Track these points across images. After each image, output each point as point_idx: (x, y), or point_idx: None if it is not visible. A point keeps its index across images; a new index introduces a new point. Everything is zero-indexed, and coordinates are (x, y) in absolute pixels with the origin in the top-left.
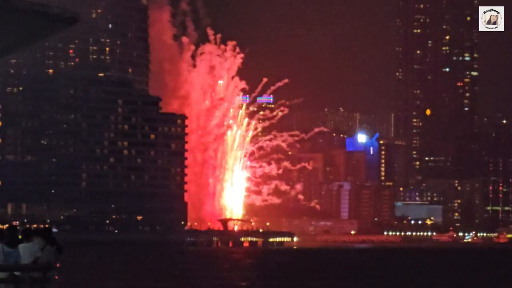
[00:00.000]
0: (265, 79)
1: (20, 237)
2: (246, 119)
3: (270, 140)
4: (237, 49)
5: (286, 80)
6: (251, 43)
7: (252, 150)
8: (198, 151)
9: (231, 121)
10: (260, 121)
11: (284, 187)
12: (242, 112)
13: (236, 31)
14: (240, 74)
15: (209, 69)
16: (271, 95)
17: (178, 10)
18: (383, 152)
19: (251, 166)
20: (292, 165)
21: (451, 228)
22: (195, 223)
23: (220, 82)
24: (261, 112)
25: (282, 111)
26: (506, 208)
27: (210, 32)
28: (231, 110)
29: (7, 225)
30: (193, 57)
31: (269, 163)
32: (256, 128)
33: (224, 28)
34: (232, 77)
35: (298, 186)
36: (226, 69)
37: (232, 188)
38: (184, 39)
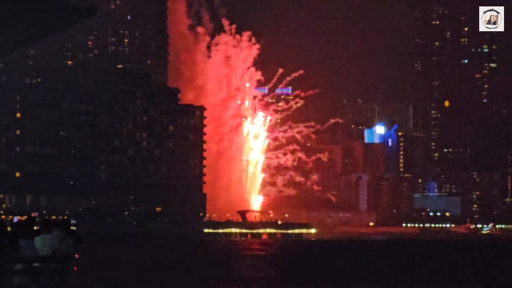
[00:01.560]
0: (280, 70)
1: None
2: (260, 112)
3: (285, 131)
4: (253, 40)
5: (301, 71)
6: (267, 33)
7: (268, 142)
8: (213, 142)
9: (247, 113)
10: (279, 112)
11: (299, 178)
12: (258, 103)
13: (252, 21)
14: (256, 65)
15: (224, 59)
16: (290, 87)
17: (194, 0)
18: (401, 144)
19: (267, 157)
20: (307, 156)
21: (468, 220)
22: (214, 215)
23: (238, 73)
24: (280, 104)
25: (297, 102)
26: None
27: (225, 22)
28: (247, 101)
29: (25, 217)
30: (209, 47)
31: (284, 154)
32: (271, 120)
33: (239, 18)
34: (248, 68)
35: (314, 177)
36: (241, 59)
37: (249, 179)
38: (200, 30)
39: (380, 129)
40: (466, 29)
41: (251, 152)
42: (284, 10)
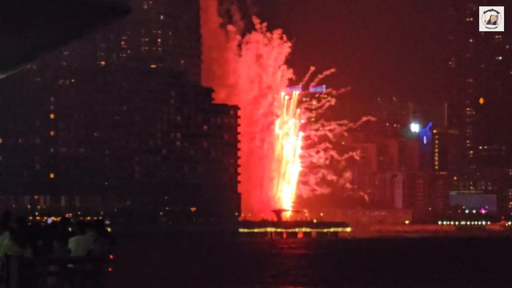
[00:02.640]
0: (312, 68)
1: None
2: (294, 109)
3: (317, 130)
4: (284, 38)
5: (333, 69)
6: (298, 31)
7: (301, 140)
8: (245, 141)
9: (279, 112)
10: (312, 111)
11: (331, 176)
12: (292, 101)
13: (283, 19)
14: (287, 63)
15: (256, 58)
16: (323, 85)
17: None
18: (436, 141)
19: (300, 155)
20: (341, 155)
21: (502, 217)
22: (249, 214)
23: (269, 71)
24: (313, 102)
25: (328, 101)
26: None
27: (256, 20)
28: (284, 98)
29: (60, 218)
30: (240, 46)
31: (317, 152)
32: (302, 118)
33: (270, 16)
34: (279, 66)
35: (347, 175)
36: (273, 58)
37: (283, 178)
38: (231, 28)
39: (415, 127)
40: None
41: (283, 151)
42: (315, 8)
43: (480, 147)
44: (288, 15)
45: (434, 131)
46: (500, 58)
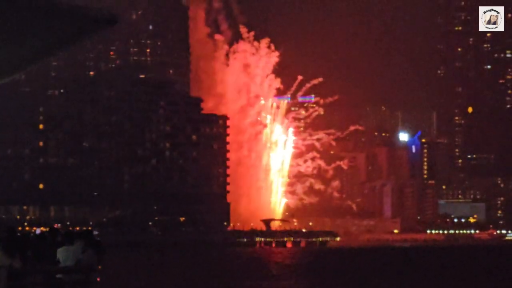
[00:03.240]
0: (300, 77)
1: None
2: (282, 118)
3: (305, 139)
4: (272, 47)
5: (320, 79)
6: (286, 40)
7: (288, 149)
8: (233, 150)
9: (268, 121)
10: (300, 120)
11: (319, 185)
12: (280, 110)
13: (270, 28)
14: (275, 72)
15: (243, 67)
16: (312, 94)
17: (212, 8)
18: (425, 150)
19: (289, 165)
20: (329, 164)
21: (491, 226)
22: (238, 224)
23: (257, 80)
24: (302, 112)
25: (316, 110)
26: None
27: (243, 30)
28: (272, 107)
29: (48, 228)
30: (227, 55)
31: (305, 161)
32: (291, 127)
33: (257, 25)
34: (267, 75)
35: (335, 184)
36: (261, 67)
37: (270, 188)
38: (218, 37)
39: (403, 136)
40: (489, 34)
41: (271, 160)
42: (303, 17)
43: (469, 156)
44: (276, 24)
45: (423, 140)
46: (489, 67)
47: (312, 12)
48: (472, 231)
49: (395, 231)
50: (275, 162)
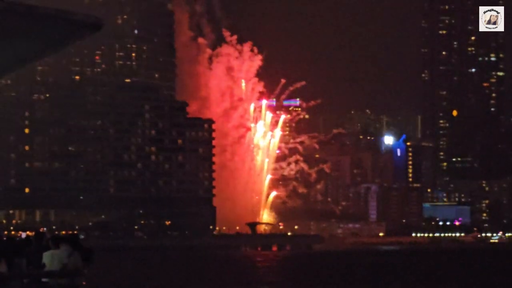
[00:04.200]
0: (283, 81)
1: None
2: (266, 122)
3: (288, 143)
4: (255, 50)
5: (303, 82)
6: (269, 44)
7: (272, 153)
8: (217, 153)
9: (252, 124)
10: (286, 123)
11: (302, 189)
12: (262, 114)
13: (253, 32)
14: (259, 76)
15: (226, 70)
16: (297, 98)
17: (195, 12)
18: (410, 154)
19: (272, 168)
20: (312, 168)
21: (475, 229)
22: (224, 228)
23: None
24: (288, 116)
25: (299, 114)
26: None
27: (226, 33)
28: (256, 110)
29: (34, 232)
30: (211, 58)
31: (288, 164)
32: (274, 131)
33: (240, 29)
34: (250, 79)
35: (319, 187)
36: (244, 70)
37: (254, 191)
38: (201, 41)
39: (388, 139)
40: (473, 38)
41: (255, 163)
42: (286, 21)
43: (454, 159)
44: (259, 28)
45: (408, 143)
46: (473, 70)
47: (296, 16)
48: (457, 234)
49: (381, 234)
50: (258, 165)
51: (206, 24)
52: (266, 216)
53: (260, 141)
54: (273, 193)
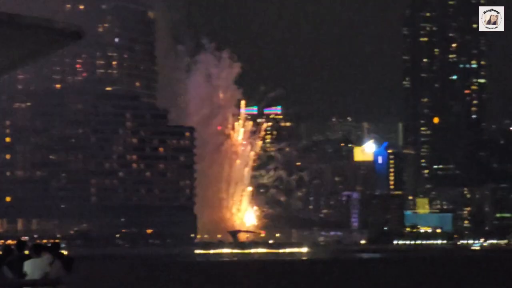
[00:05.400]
0: (262, 87)
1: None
2: (245, 129)
3: (266, 151)
4: (234, 57)
5: (282, 90)
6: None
7: (251, 160)
8: (196, 161)
9: (230, 132)
10: (267, 131)
11: (281, 196)
12: (239, 122)
13: (232, 39)
14: (237, 83)
15: (205, 78)
16: (279, 106)
17: (173, 19)
18: (392, 161)
19: (250, 176)
20: (290, 175)
21: (456, 236)
22: (205, 236)
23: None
24: (269, 123)
25: (280, 121)
26: None
27: (205, 40)
28: (236, 118)
29: (15, 241)
30: (189, 66)
31: (267, 171)
32: (255, 138)
33: (219, 36)
34: (229, 86)
35: (299, 194)
36: (222, 77)
37: (234, 199)
38: (180, 48)
39: (370, 147)
40: (454, 45)
41: (234, 171)
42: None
43: (435, 167)
44: (238, 35)
45: (389, 151)
46: (455, 77)
47: (277, 24)
48: (439, 242)
49: (362, 242)
50: (238, 173)
51: (184, 31)
52: (245, 224)
53: (239, 148)
54: (254, 208)
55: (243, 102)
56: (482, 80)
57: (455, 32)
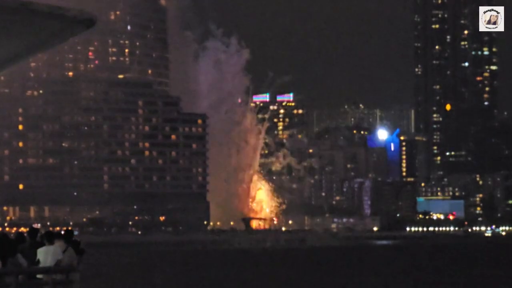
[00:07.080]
0: (271, 74)
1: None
2: (257, 116)
3: (278, 137)
4: (243, 44)
5: (291, 76)
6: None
7: (263, 147)
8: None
9: (241, 118)
10: (280, 118)
11: (293, 183)
12: (249, 109)
13: (242, 26)
14: (247, 69)
15: (214, 64)
16: (291, 93)
17: (181, 6)
18: (404, 148)
19: (262, 163)
20: (301, 162)
21: (466, 223)
22: (218, 223)
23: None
24: (281, 111)
25: (292, 108)
26: None
27: (213, 26)
28: (247, 104)
29: (28, 229)
30: (198, 52)
31: (277, 158)
32: (266, 125)
33: (228, 23)
34: (238, 72)
35: (312, 181)
36: (231, 64)
37: (247, 186)
38: (188, 34)
39: (382, 134)
40: (466, 32)
41: (246, 158)
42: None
43: (447, 153)
44: (247, 21)
45: (401, 138)
46: (467, 64)
47: (287, 12)
48: (451, 228)
49: (375, 229)
50: (247, 160)
51: (193, 17)
52: (260, 211)
53: (249, 135)
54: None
55: (255, 89)
56: (494, 67)
57: (466, 19)
